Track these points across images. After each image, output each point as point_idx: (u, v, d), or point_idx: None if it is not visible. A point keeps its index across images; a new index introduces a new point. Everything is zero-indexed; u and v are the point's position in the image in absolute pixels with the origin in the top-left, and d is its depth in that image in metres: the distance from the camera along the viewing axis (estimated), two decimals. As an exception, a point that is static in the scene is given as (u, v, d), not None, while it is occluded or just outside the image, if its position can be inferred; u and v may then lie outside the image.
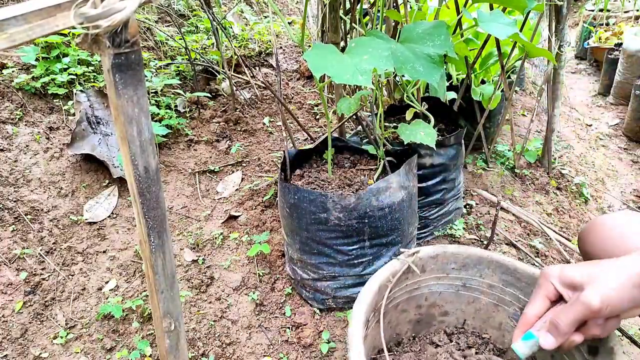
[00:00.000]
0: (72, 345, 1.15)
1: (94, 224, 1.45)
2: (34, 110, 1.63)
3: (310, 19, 2.53)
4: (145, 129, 0.48)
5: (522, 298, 0.92)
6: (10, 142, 1.51)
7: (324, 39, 1.62)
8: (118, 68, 0.43)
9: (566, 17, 1.64)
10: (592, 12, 3.84)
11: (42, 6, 0.37)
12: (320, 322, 1.21)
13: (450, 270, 0.93)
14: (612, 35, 3.54)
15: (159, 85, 1.80)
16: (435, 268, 0.92)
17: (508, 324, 0.96)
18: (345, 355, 1.15)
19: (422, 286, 0.94)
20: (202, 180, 1.70)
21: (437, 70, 0.84)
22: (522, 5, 0.92)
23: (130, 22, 0.41)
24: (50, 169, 1.52)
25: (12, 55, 1.68)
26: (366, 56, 0.79)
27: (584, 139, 2.42)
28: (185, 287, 1.31)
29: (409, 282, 0.88)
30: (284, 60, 2.50)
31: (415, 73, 0.83)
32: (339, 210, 1.06)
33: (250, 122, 1.98)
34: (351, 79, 0.74)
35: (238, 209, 1.58)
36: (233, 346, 1.16)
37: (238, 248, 1.44)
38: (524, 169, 1.91)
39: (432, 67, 0.84)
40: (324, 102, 1.12)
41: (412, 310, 0.97)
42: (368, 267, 1.16)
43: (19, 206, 1.38)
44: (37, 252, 1.31)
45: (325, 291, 1.20)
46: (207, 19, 2.15)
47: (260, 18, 2.79)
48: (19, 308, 1.19)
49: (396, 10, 1.26)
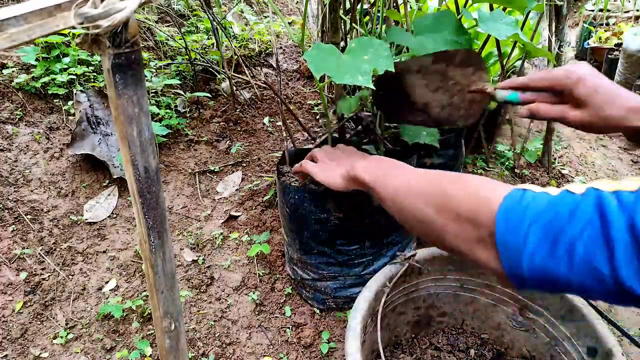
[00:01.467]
0: (72, 345, 1.15)
1: (94, 224, 1.45)
2: (34, 110, 1.63)
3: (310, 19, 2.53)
4: (145, 129, 0.48)
5: (520, 298, 0.92)
6: (10, 142, 1.51)
7: (324, 39, 1.62)
8: (118, 68, 0.43)
9: (566, 17, 1.64)
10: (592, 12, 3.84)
11: (42, 6, 0.37)
12: (320, 322, 1.21)
13: (447, 271, 0.94)
14: (612, 35, 3.53)
15: (159, 85, 1.80)
16: (432, 270, 0.92)
17: (507, 323, 0.96)
18: (345, 355, 1.15)
19: (420, 288, 0.94)
20: (202, 180, 1.70)
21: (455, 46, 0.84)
22: (522, 5, 0.92)
23: (131, 22, 0.41)
24: (50, 169, 1.52)
25: (12, 55, 1.68)
26: (366, 56, 0.79)
27: (584, 139, 2.41)
28: (185, 287, 1.31)
29: (406, 284, 0.88)
30: (284, 60, 2.50)
31: None
32: (339, 210, 1.06)
33: (250, 122, 1.98)
34: (351, 79, 0.74)
35: (238, 209, 1.58)
36: (233, 346, 1.16)
37: (238, 248, 1.44)
38: (524, 169, 1.92)
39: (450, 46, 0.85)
40: (324, 102, 1.12)
41: (411, 312, 0.97)
42: (368, 267, 1.16)
43: (19, 206, 1.38)
44: (37, 252, 1.31)
45: (325, 291, 1.20)
46: (207, 19, 2.15)
47: (260, 18, 2.79)
48: (19, 308, 1.19)
49: (396, 10, 1.26)
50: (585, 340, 0.80)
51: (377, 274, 0.85)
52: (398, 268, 0.86)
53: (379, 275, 0.85)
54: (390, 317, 0.94)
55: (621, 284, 0.39)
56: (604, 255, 0.40)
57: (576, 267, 0.41)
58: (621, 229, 0.39)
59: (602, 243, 0.40)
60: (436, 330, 1.03)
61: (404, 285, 0.86)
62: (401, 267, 0.86)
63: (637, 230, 0.38)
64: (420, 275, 0.91)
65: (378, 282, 0.83)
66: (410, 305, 0.95)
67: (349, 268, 1.16)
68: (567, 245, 0.42)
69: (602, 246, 0.40)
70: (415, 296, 0.94)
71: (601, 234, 0.40)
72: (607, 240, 0.39)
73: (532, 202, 0.45)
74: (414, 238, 1.27)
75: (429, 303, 0.97)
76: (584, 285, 0.42)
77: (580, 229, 0.41)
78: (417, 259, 0.88)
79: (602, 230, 0.40)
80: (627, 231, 0.38)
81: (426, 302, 0.97)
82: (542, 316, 0.89)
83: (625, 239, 0.38)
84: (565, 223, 0.42)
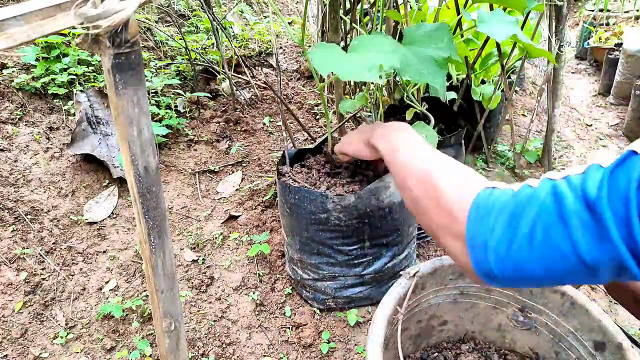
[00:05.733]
0: (72, 345, 1.15)
1: (94, 224, 1.45)
2: (34, 110, 1.63)
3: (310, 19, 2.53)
4: (145, 129, 0.48)
5: (519, 298, 0.92)
6: (10, 142, 1.51)
7: (324, 39, 1.62)
8: (118, 68, 0.43)
9: (566, 17, 1.64)
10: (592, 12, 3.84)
11: (42, 6, 0.37)
12: (320, 322, 1.21)
13: (448, 281, 0.93)
14: (612, 35, 3.53)
15: (159, 85, 1.80)
16: (434, 283, 0.91)
17: (508, 324, 0.96)
18: (345, 355, 1.15)
19: (422, 302, 0.93)
20: (202, 180, 1.70)
21: (441, 73, 0.83)
22: (522, 6, 0.92)
23: (130, 22, 0.41)
24: (50, 169, 1.52)
25: (12, 55, 1.68)
26: (371, 53, 0.79)
27: (584, 139, 2.41)
28: (185, 287, 1.31)
29: (410, 301, 0.87)
30: (284, 60, 2.50)
31: (419, 76, 0.82)
32: (339, 210, 1.06)
33: (250, 122, 1.98)
34: (358, 75, 0.73)
35: (238, 209, 1.58)
36: (233, 346, 1.16)
37: (238, 248, 1.44)
38: (524, 169, 1.91)
39: (437, 69, 0.84)
40: (324, 102, 1.12)
41: (413, 327, 0.97)
42: (368, 267, 1.16)
43: (19, 206, 1.38)
44: (37, 252, 1.31)
45: (325, 291, 1.20)
46: (207, 19, 2.15)
47: (260, 18, 2.79)
48: (19, 308, 1.19)
49: (396, 11, 1.26)
50: (590, 335, 0.80)
51: (386, 296, 0.83)
52: (405, 288, 0.84)
53: (387, 298, 0.82)
54: (395, 335, 0.93)
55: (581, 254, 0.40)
56: (561, 230, 0.41)
57: (538, 249, 0.43)
58: (572, 201, 0.41)
59: (557, 219, 0.41)
60: (437, 339, 1.02)
61: (407, 302, 0.85)
62: (407, 287, 0.84)
63: (587, 196, 0.40)
64: (423, 289, 0.91)
65: (389, 305, 0.81)
66: (414, 320, 0.95)
67: (349, 268, 1.16)
68: (527, 229, 0.44)
69: (558, 222, 0.41)
70: (417, 310, 0.94)
71: (555, 211, 0.42)
72: (560, 215, 0.41)
73: (498, 198, 0.48)
74: (414, 239, 1.27)
75: (430, 314, 0.97)
76: (550, 269, 0.43)
77: (537, 211, 0.43)
78: (419, 274, 0.87)
79: (555, 207, 0.42)
80: (578, 201, 0.40)
81: (427, 313, 0.96)
82: (543, 314, 0.89)
83: (577, 209, 0.40)
84: (523, 210, 0.44)
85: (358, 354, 1.15)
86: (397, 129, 0.76)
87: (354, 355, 1.15)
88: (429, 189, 0.57)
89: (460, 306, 0.97)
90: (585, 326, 0.81)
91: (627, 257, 0.38)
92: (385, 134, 0.76)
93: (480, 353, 1.00)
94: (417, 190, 0.59)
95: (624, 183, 0.37)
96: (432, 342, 1.02)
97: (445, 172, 0.58)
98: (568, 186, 0.42)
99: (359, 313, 1.22)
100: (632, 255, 0.38)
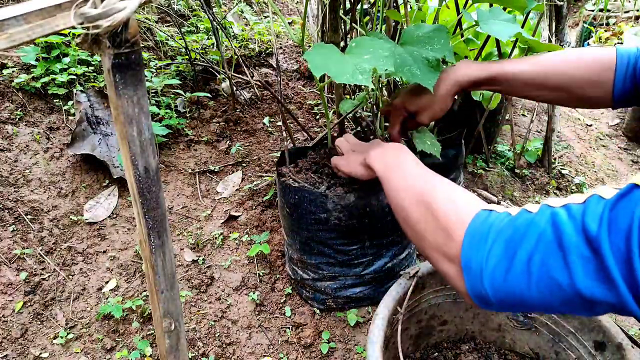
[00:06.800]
0: (72, 345, 1.15)
1: (94, 224, 1.45)
2: (34, 110, 1.63)
3: (310, 19, 2.53)
4: (145, 129, 0.48)
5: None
6: (10, 142, 1.51)
7: (324, 39, 1.62)
8: (118, 68, 0.43)
9: (566, 17, 1.64)
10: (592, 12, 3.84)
11: (42, 6, 0.37)
12: (320, 322, 1.21)
13: None
14: (612, 35, 3.53)
15: (159, 85, 1.80)
16: (434, 282, 0.92)
17: (507, 324, 0.96)
18: (345, 355, 1.15)
19: (422, 302, 0.93)
20: (202, 180, 1.70)
21: (434, 74, 0.83)
22: (522, 6, 0.92)
23: (131, 22, 0.41)
24: (50, 169, 1.52)
25: (12, 55, 1.68)
26: (367, 56, 0.79)
27: (584, 139, 2.41)
28: (185, 287, 1.31)
29: (410, 301, 0.87)
30: (284, 60, 2.50)
31: (412, 76, 0.82)
32: (339, 210, 1.06)
33: (250, 122, 1.98)
34: (351, 78, 0.74)
35: (238, 209, 1.58)
36: (233, 346, 1.16)
37: (238, 248, 1.44)
38: (524, 169, 1.91)
39: (429, 70, 0.84)
40: (324, 102, 1.12)
41: (413, 327, 0.97)
42: (368, 267, 1.16)
43: (19, 206, 1.38)
44: (37, 252, 1.31)
45: (325, 291, 1.20)
46: (207, 19, 2.15)
47: (260, 18, 2.79)
48: (19, 308, 1.19)
49: (396, 11, 1.26)
50: (590, 335, 0.80)
51: (386, 296, 0.83)
52: (405, 288, 0.85)
53: (387, 298, 0.83)
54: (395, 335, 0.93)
55: (579, 289, 0.39)
56: (559, 262, 0.40)
57: (535, 279, 0.42)
58: (572, 234, 0.40)
59: (556, 250, 0.40)
60: (437, 339, 1.03)
61: (408, 302, 0.85)
62: (407, 287, 0.84)
63: (587, 230, 0.39)
64: (423, 289, 0.91)
65: (388, 306, 0.81)
66: (414, 320, 0.95)
67: (349, 268, 1.16)
68: (525, 258, 0.42)
69: (557, 253, 0.40)
70: (417, 310, 0.94)
71: (554, 241, 0.41)
72: (560, 246, 0.40)
73: (495, 222, 0.47)
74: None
75: (430, 314, 0.97)
76: (547, 299, 0.42)
77: (536, 240, 0.42)
78: (420, 274, 0.87)
79: (554, 237, 0.41)
80: (578, 234, 0.39)
81: (427, 313, 0.96)
82: (543, 314, 0.89)
83: (577, 242, 0.39)
84: (521, 237, 0.43)
85: (358, 354, 1.15)
86: (393, 150, 0.76)
87: (354, 355, 1.15)
88: (424, 210, 0.56)
89: (460, 306, 0.98)
90: (586, 326, 0.81)
91: (627, 297, 0.37)
92: (381, 154, 0.77)
93: (480, 353, 1.00)
94: (412, 211, 0.59)
95: (625, 219, 0.37)
96: (432, 342, 1.02)
97: (441, 193, 0.57)
98: (568, 216, 0.41)
99: (359, 313, 1.22)
100: (632, 295, 0.37)
